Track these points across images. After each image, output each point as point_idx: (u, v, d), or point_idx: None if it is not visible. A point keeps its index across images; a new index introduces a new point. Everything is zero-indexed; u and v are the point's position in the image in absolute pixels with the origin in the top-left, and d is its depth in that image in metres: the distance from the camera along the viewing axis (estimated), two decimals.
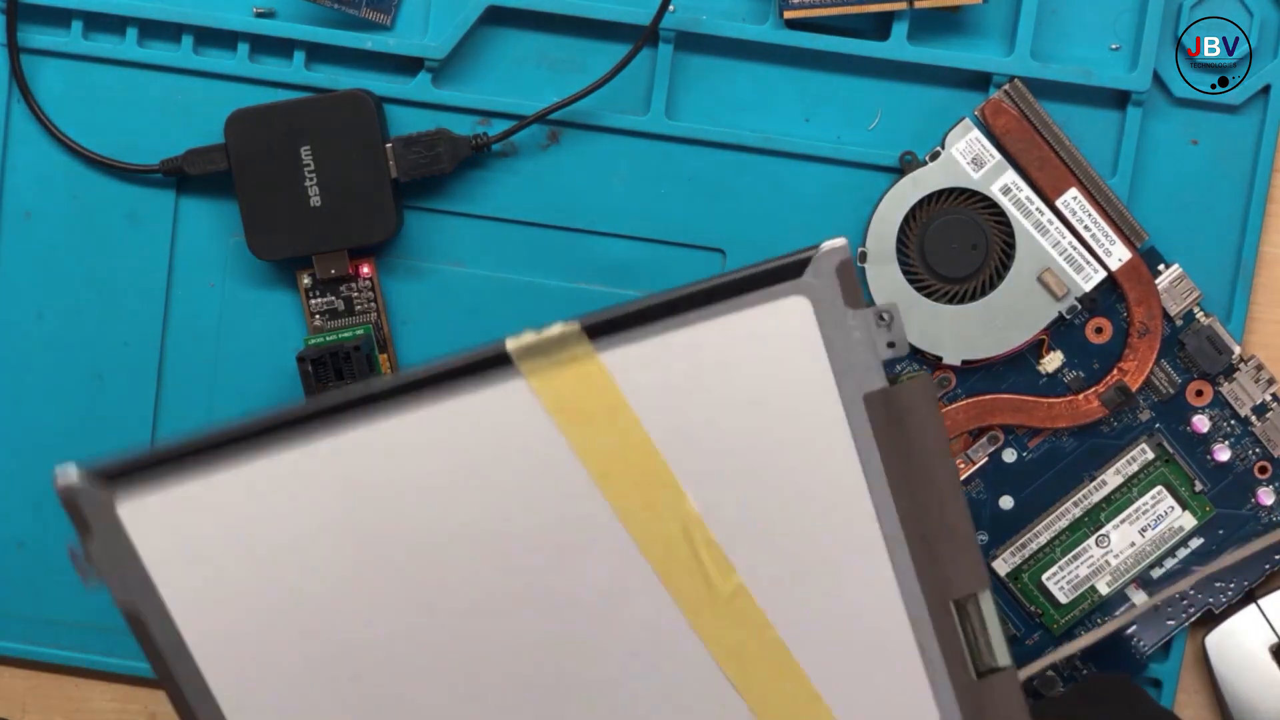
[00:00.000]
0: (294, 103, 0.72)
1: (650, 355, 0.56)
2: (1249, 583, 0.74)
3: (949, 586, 0.56)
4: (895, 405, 0.55)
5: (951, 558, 0.56)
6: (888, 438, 0.55)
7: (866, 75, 0.73)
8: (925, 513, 0.55)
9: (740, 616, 0.55)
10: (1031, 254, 0.72)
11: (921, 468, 0.55)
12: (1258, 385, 0.73)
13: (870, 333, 0.55)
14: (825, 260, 0.55)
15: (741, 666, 0.56)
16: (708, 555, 0.55)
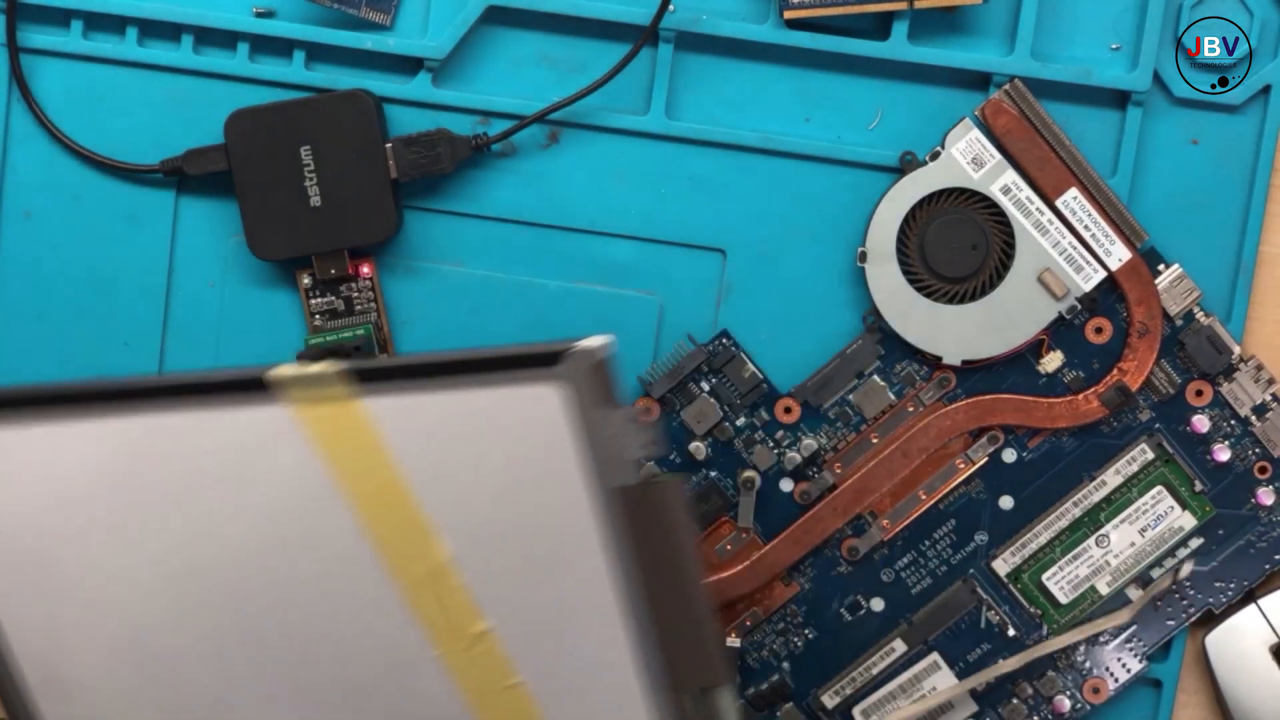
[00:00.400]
0: (294, 103, 0.72)
1: (410, 409, 0.58)
2: (1249, 583, 0.74)
3: (690, 677, 0.59)
4: (645, 503, 0.57)
5: (695, 652, 0.58)
6: (637, 532, 0.57)
7: (866, 75, 0.73)
8: (672, 605, 0.58)
9: (485, 660, 0.59)
10: (1031, 254, 0.72)
11: (671, 563, 0.58)
12: (1257, 385, 0.73)
13: (623, 432, 0.57)
14: (581, 357, 0.57)
15: (484, 705, 0.60)
16: (454, 598, 0.59)
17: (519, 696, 0.60)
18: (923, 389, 0.74)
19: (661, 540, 0.58)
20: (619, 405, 0.57)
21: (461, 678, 0.60)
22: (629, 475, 0.58)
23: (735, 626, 0.75)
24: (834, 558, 0.74)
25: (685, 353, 0.73)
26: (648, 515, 0.57)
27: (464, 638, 0.59)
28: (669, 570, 0.58)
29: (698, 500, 0.74)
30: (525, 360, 0.57)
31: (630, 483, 0.58)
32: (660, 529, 0.58)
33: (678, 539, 0.58)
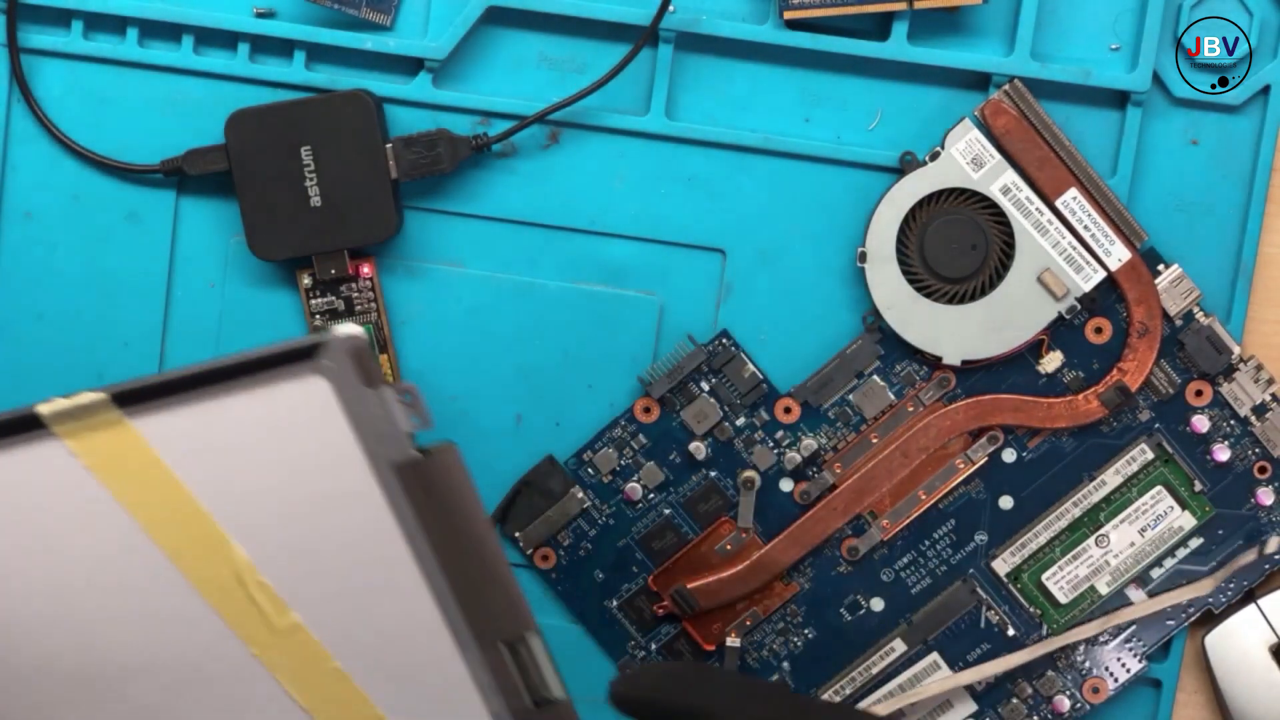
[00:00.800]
0: (294, 103, 0.72)
1: (183, 423, 0.60)
2: (1249, 583, 0.74)
3: (497, 630, 0.61)
4: (425, 473, 0.59)
5: (498, 604, 0.61)
6: (423, 502, 0.60)
7: (866, 75, 0.73)
8: (468, 566, 0.60)
9: (300, 650, 0.61)
10: (1031, 254, 0.72)
11: (461, 527, 0.60)
12: (1257, 385, 0.73)
13: (391, 410, 0.59)
14: (337, 346, 0.59)
15: (312, 695, 0.62)
16: (261, 596, 0.60)
17: (341, 681, 0.61)
18: (923, 389, 0.74)
19: (448, 504, 0.60)
20: (382, 385, 0.59)
21: (283, 673, 0.61)
22: (405, 450, 0.59)
23: (735, 626, 0.75)
24: (834, 558, 0.74)
25: (685, 353, 0.73)
26: (430, 484, 0.60)
27: (278, 633, 0.61)
28: (461, 531, 0.60)
29: (698, 500, 0.74)
30: (284, 358, 0.59)
31: (408, 457, 0.59)
32: (445, 494, 0.60)
33: (463, 500, 0.60)
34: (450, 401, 0.75)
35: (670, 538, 0.75)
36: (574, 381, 0.75)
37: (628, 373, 0.74)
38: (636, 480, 0.74)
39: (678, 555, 0.75)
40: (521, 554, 0.75)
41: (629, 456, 0.74)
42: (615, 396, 0.75)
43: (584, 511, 0.75)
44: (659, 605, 0.75)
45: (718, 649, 0.75)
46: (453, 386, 0.75)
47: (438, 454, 0.60)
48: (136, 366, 0.75)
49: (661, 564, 0.75)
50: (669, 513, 0.74)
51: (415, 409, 0.60)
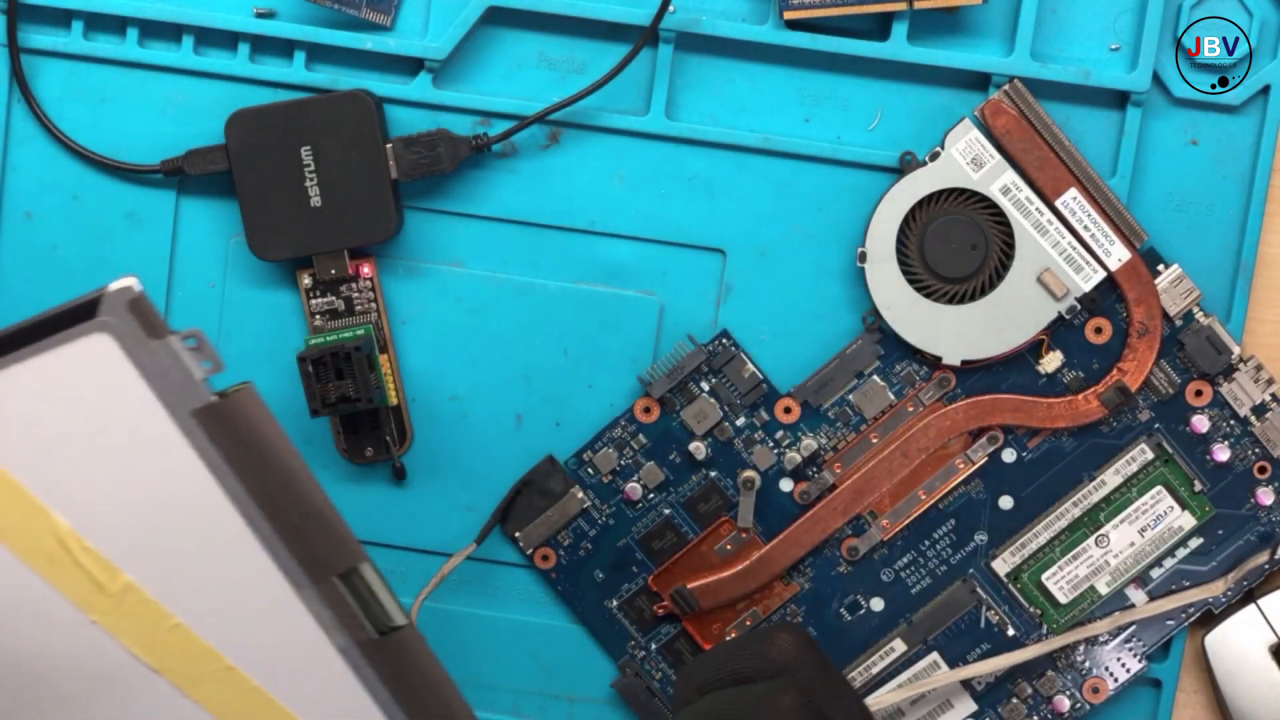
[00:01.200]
0: (294, 103, 0.72)
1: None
2: (1249, 583, 0.74)
3: (328, 564, 0.61)
4: (226, 415, 0.60)
5: (323, 539, 0.61)
6: (228, 445, 0.60)
7: (866, 75, 0.73)
8: (286, 504, 0.61)
9: (138, 611, 0.61)
10: (1031, 254, 0.72)
11: (271, 465, 0.61)
12: (1257, 385, 0.73)
13: (181, 357, 0.60)
14: (114, 299, 0.59)
15: (155, 653, 0.62)
16: (88, 561, 0.61)
17: (184, 635, 0.62)
18: (922, 389, 0.74)
19: (254, 444, 0.60)
20: (168, 333, 0.60)
21: (126, 636, 0.61)
22: (202, 395, 0.60)
23: (735, 626, 0.75)
24: (834, 558, 0.74)
25: (685, 353, 0.73)
26: (233, 426, 0.60)
27: (112, 596, 0.61)
28: (272, 469, 0.61)
29: (698, 500, 0.74)
30: (65, 319, 0.59)
31: (206, 402, 0.60)
32: (249, 434, 0.60)
33: (269, 438, 0.61)
34: (450, 401, 0.75)
35: (670, 538, 0.75)
36: (574, 381, 0.75)
37: (628, 373, 0.74)
38: (636, 480, 0.74)
39: (678, 555, 0.75)
40: (521, 554, 0.75)
41: (629, 456, 0.74)
42: (615, 396, 0.75)
43: (584, 511, 0.75)
44: (659, 605, 0.75)
45: None
46: (453, 386, 0.75)
47: (235, 395, 0.60)
48: None
49: (661, 564, 0.75)
50: (669, 513, 0.74)
51: (203, 352, 0.60)
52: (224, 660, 0.62)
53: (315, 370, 0.71)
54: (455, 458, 0.75)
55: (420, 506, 0.75)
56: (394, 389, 0.74)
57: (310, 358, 0.71)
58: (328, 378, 0.71)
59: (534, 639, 0.76)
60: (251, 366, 0.75)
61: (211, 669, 0.62)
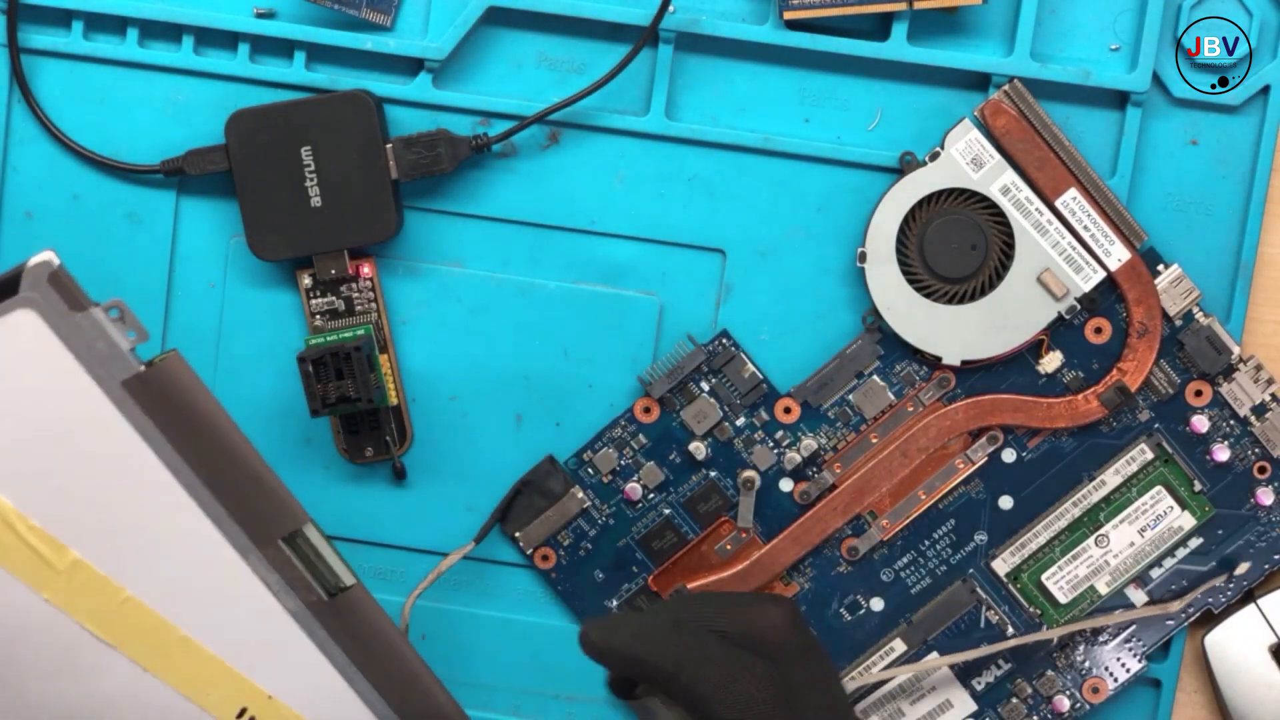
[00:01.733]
0: (294, 103, 0.72)
1: None
2: (1248, 582, 0.74)
3: (271, 527, 0.62)
4: (156, 384, 0.61)
5: (265, 503, 0.62)
6: (161, 413, 0.61)
7: (866, 75, 0.73)
8: (224, 470, 0.61)
9: (90, 586, 0.61)
10: (1031, 254, 0.72)
11: (205, 432, 0.61)
12: (1257, 385, 0.73)
13: (105, 328, 0.60)
14: (35, 274, 0.59)
15: (110, 628, 0.62)
16: (36, 540, 0.61)
17: (137, 608, 0.62)
18: (922, 389, 0.74)
19: (186, 411, 0.61)
20: (91, 305, 0.60)
21: (81, 614, 0.62)
22: (130, 365, 0.60)
23: None
24: (834, 558, 0.74)
25: (685, 353, 0.73)
26: (163, 394, 0.61)
27: (62, 574, 0.61)
28: (206, 436, 0.61)
29: (698, 500, 0.74)
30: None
31: (134, 371, 0.60)
32: (180, 402, 0.61)
33: (200, 404, 0.61)
34: (450, 401, 0.75)
35: (670, 538, 0.75)
36: (574, 381, 0.75)
37: (628, 373, 0.74)
38: (636, 480, 0.74)
39: (678, 555, 0.75)
40: (521, 554, 0.75)
41: (629, 456, 0.74)
42: (615, 396, 0.75)
43: (584, 511, 0.75)
44: None
45: None
46: (453, 386, 0.75)
47: (162, 364, 0.61)
48: None
49: (661, 564, 0.75)
50: (669, 513, 0.74)
51: (127, 322, 0.60)
52: (178, 631, 0.62)
53: (315, 370, 0.71)
54: (455, 458, 0.75)
55: (420, 506, 0.75)
56: (394, 389, 0.74)
57: (310, 358, 0.71)
58: (328, 378, 0.71)
59: (534, 639, 0.76)
60: (251, 366, 0.75)
61: (167, 640, 0.62)
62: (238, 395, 0.75)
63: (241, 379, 0.75)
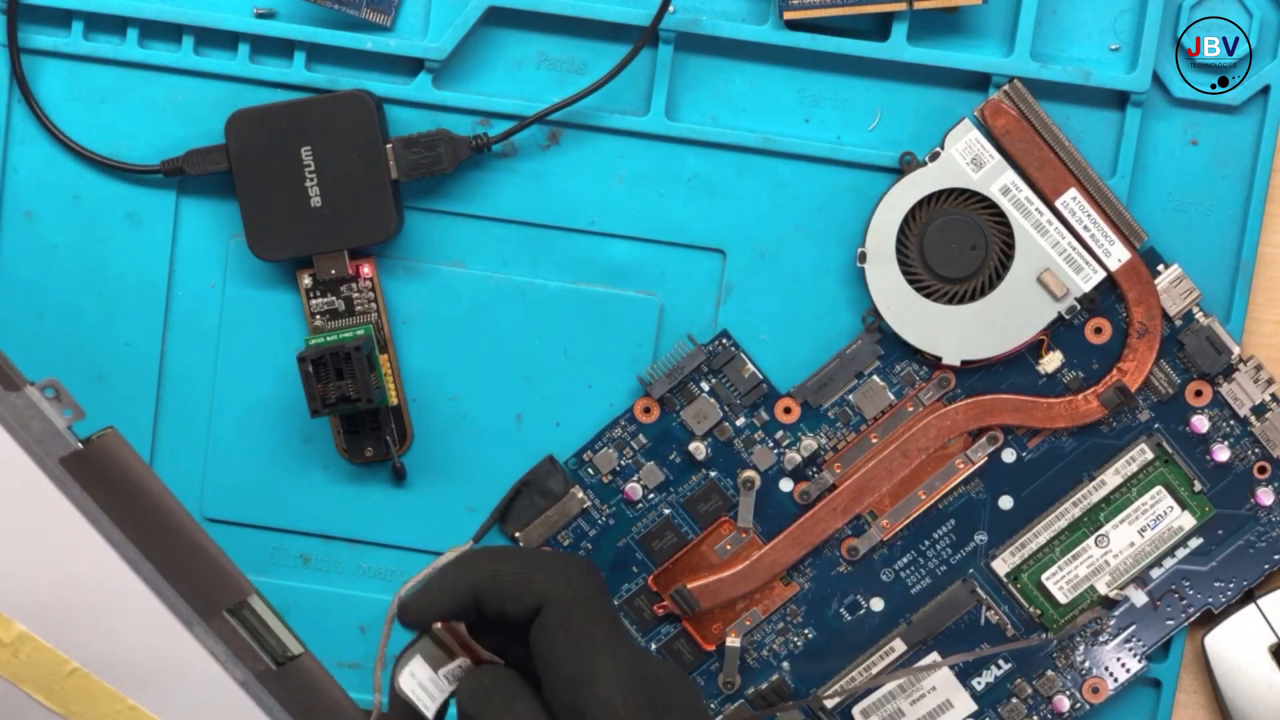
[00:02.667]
0: (294, 103, 0.72)
1: None
2: (1248, 583, 0.74)
3: (216, 599, 0.62)
4: (94, 461, 0.61)
5: (208, 575, 0.62)
6: (99, 489, 0.61)
7: (866, 75, 0.73)
8: (165, 544, 0.61)
9: (37, 658, 0.61)
10: (1031, 254, 0.72)
11: (146, 506, 0.61)
12: (1257, 385, 0.73)
13: (40, 407, 0.60)
14: None
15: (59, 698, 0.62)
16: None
17: (84, 679, 0.62)
18: (922, 389, 0.74)
19: (125, 487, 0.61)
20: (26, 384, 0.60)
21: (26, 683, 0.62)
22: (67, 443, 0.60)
23: (735, 626, 0.75)
24: (834, 558, 0.74)
25: (685, 353, 0.73)
26: (101, 471, 0.61)
27: (7, 646, 0.61)
28: (147, 510, 0.61)
29: (698, 500, 0.74)
30: None
31: (71, 450, 0.60)
32: (119, 477, 0.61)
33: (139, 479, 0.61)
34: (450, 401, 0.75)
35: (670, 538, 0.75)
36: (574, 381, 0.75)
37: (628, 373, 0.74)
38: (636, 480, 0.74)
39: (678, 555, 0.75)
40: None
41: (629, 456, 0.74)
42: (615, 396, 0.75)
43: (584, 511, 0.75)
44: (659, 605, 0.75)
45: (718, 649, 0.75)
46: (453, 386, 0.75)
47: (99, 441, 0.61)
48: (136, 366, 0.75)
49: (661, 564, 0.75)
50: (669, 513, 0.74)
51: (63, 401, 0.60)
52: (127, 701, 0.62)
53: (315, 370, 0.71)
54: (455, 458, 0.75)
55: (420, 506, 0.75)
56: (394, 389, 0.74)
57: (310, 358, 0.71)
58: (328, 378, 0.71)
59: None
60: (251, 366, 0.75)
61: (116, 709, 0.62)
62: (238, 395, 0.75)
63: (241, 379, 0.75)
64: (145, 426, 0.75)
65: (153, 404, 0.75)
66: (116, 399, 0.75)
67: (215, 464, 0.76)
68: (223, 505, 0.76)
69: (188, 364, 0.75)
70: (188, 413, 0.75)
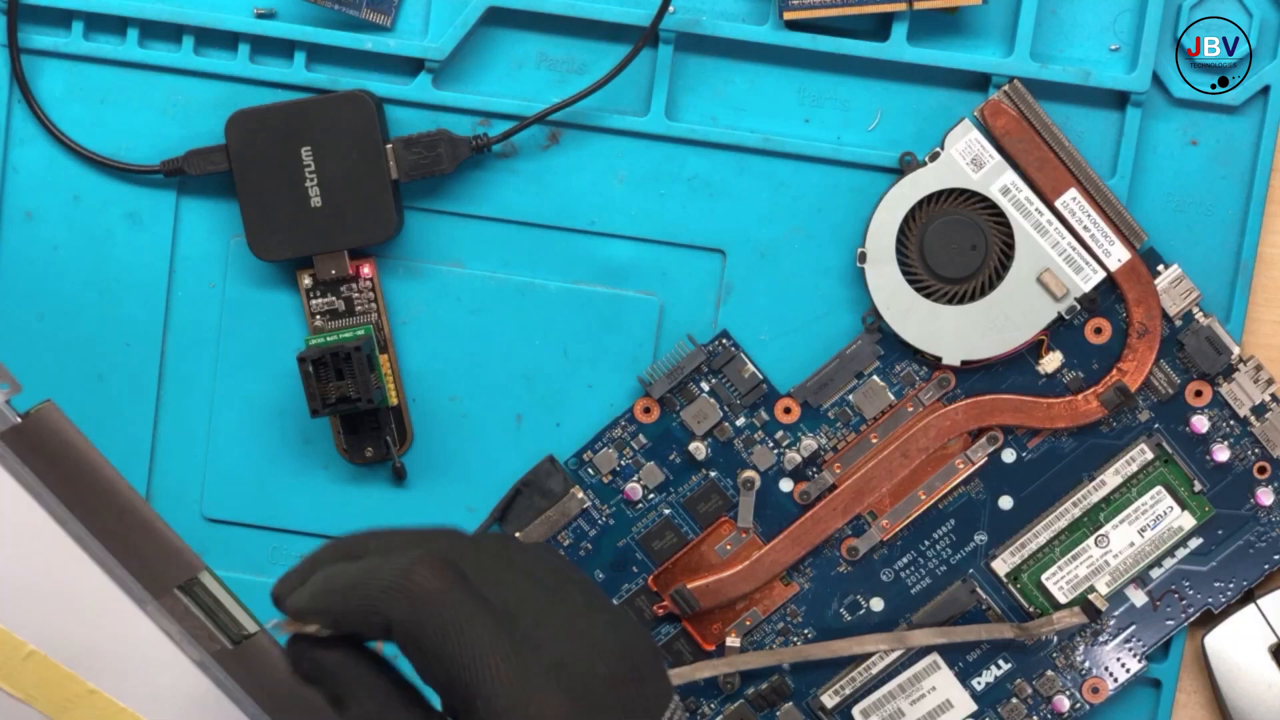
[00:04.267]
0: (294, 103, 0.72)
1: None
2: (1248, 583, 0.74)
3: (167, 577, 0.61)
4: (33, 435, 0.60)
5: (157, 551, 0.61)
6: (41, 463, 0.60)
7: (866, 76, 0.73)
8: (111, 520, 0.60)
9: None
10: (1031, 254, 0.72)
11: (89, 482, 0.60)
12: (1257, 385, 0.73)
13: None
14: None
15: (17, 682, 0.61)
16: None
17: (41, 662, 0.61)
18: (922, 389, 0.74)
19: (67, 461, 0.60)
20: None
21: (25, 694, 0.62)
22: (4, 418, 0.60)
23: (735, 626, 0.75)
24: (834, 558, 0.74)
25: (685, 353, 0.73)
26: (41, 444, 0.60)
27: None
28: (90, 486, 0.60)
29: (698, 500, 0.74)
30: None
31: (9, 424, 0.60)
32: (59, 452, 0.60)
33: (80, 454, 0.60)
34: (450, 402, 0.75)
35: (670, 538, 0.75)
36: (574, 381, 0.75)
37: (628, 373, 0.74)
38: (636, 480, 0.74)
39: (678, 555, 0.75)
40: None
41: (629, 456, 0.74)
42: (615, 396, 0.75)
43: (584, 511, 0.75)
44: (659, 605, 0.75)
45: (718, 649, 0.75)
46: (453, 386, 0.75)
47: (37, 414, 0.60)
48: (136, 366, 0.75)
49: (661, 564, 0.75)
50: (669, 513, 0.75)
51: (2, 374, 0.60)
52: (86, 685, 0.62)
53: (315, 370, 0.71)
54: (455, 458, 0.75)
55: (420, 506, 0.75)
56: (394, 389, 0.74)
57: (310, 358, 0.71)
58: (328, 378, 0.71)
59: None
60: (251, 366, 0.75)
61: (75, 693, 0.62)
62: (238, 395, 0.75)
63: (241, 379, 0.75)
64: (145, 426, 0.75)
65: (153, 404, 0.75)
66: (116, 399, 0.75)
67: (215, 464, 0.76)
68: (223, 505, 0.76)
69: (188, 364, 0.75)
70: (188, 413, 0.75)
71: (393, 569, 0.55)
